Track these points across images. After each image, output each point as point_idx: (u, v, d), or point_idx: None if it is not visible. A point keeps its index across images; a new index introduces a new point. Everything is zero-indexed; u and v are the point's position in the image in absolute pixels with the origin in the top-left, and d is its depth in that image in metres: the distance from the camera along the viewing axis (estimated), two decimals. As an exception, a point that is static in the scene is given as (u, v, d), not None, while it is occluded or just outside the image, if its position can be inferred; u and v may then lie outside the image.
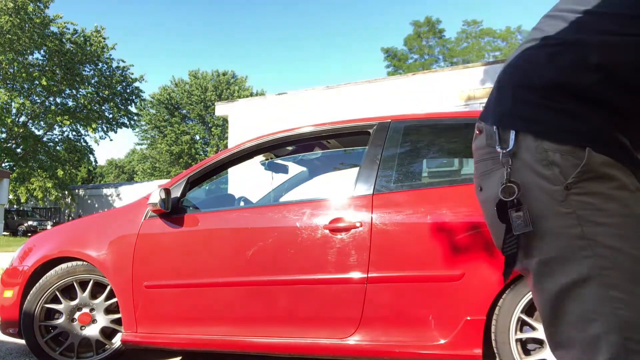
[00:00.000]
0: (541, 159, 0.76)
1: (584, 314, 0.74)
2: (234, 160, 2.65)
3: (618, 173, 0.73)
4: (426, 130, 2.50)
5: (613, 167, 0.73)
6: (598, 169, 0.73)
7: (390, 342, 2.05)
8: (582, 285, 0.74)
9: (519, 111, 0.81)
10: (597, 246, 0.73)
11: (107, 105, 26.40)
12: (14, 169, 23.43)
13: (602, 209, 0.73)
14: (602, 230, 0.73)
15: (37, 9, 21.55)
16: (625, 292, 0.72)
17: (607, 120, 0.74)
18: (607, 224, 0.73)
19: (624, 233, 0.72)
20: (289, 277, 2.20)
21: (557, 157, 0.75)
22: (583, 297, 0.74)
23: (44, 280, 2.57)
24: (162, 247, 2.46)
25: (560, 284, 0.76)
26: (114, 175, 54.28)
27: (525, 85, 0.80)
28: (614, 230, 0.72)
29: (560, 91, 0.76)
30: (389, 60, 29.22)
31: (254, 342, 2.23)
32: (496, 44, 28.18)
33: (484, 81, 8.75)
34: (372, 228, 2.12)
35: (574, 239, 0.74)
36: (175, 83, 38.34)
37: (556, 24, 0.80)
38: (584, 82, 0.74)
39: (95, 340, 2.57)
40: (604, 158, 0.73)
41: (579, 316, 0.75)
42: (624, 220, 0.72)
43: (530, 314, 1.95)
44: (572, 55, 0.76)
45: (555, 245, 0.76)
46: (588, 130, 0.74)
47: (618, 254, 0.72)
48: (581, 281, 0.74)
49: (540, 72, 0.79)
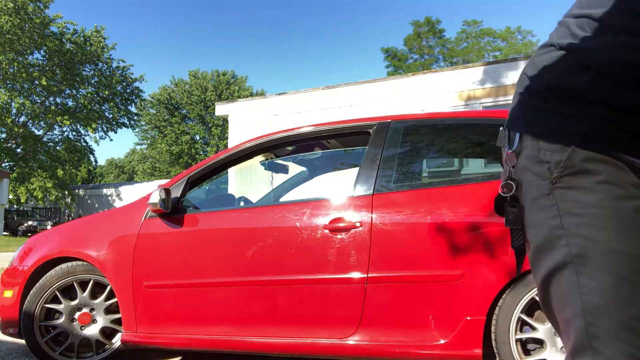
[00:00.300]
0: (534, 156, 0.83)
1: (560, 298, 0.81)
2: (234, 160, 2.65)
3: (602, 168, 0.77)
4: (426, 130, 2.50)
5: (597, 162, 0.77)
6: (579, 164, 0.78)
7: (390, 342, 2.05)
8: (559, 271, 0.81)
9: (522, 115, 0.88)
10: (572, 235, 0.78)
11: (107, 105, 26.41)
12: (14, 169, 23.43)
13: (579, 201, 0.78)
14: (577, 221, 0.78)
15: (37, 9, 21.54)
16: (592, 279, 0.77)
17: (600, 118, 0.78)
18: (582, 215, 0.78)
19: (599, 224, 0.77)
20: (289, 277, 2.20)
21: (548, 155, 0.81)
22: (559, 283, 0.81)
23: (44, 280, 2.57)
24: (162, 247, 2.46)
25: (544, 270, 0.83)
26: (114, 175, 54.30)
27: (529, 90, 0.87)
28: (588, 220, 0.77)
29: (555, 93, 0.82)
30: (389, 60, 29.22)
31: (254, 342, 2.23)
32: (496, 44, 28.18)
33: (484, 81, 8.75)
34: (372, 228, 2.12)
35: (554, 229, 0.81)
36: (175, 83, 38.35)
37: (560, 29, 0.86)
38: (576, 83, 0.80)
39: (95, 340, 2.57)
40: (588, 154, 0.78)
41: (557, 300, 0.82)
42: (600, 212, 0.77)
43: (530, 314, 1.95)
44: (566, 59, 0.82)
45: (540, 235, 0.83)
46: (578, 129, 0.79)
47: (589, 243, 0.77)
48: (559, 268, 0.80)
49: (539, 77, 0.85)
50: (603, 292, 0.76)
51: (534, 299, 1.93)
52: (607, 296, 0.76)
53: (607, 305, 0.76)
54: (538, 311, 1.96)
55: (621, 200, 0.76)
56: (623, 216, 0.76)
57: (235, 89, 37.65)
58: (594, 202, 0.77)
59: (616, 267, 0.76)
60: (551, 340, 1.90)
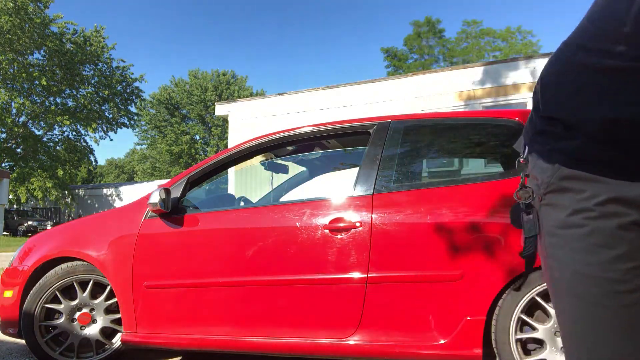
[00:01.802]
0: (531, 172, 0.86)
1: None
2: (234, 160, 2.65)
3: (582, 185, 0.75)
4: (426, 130, 2.50)
5: (577, 180, 0.75)
6: (559, 183, 0.78)
7: (390, 342, 2.05)
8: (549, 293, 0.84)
9: (529, 131, 0.89)
10: (550, 257, 0.80)
11: (107, 105, 26.41)
12: (14, 169, 23.42)
13: (557, 219, 0.78)
14: (554, 241, 0.79)
15: (37, 9, 21.54)
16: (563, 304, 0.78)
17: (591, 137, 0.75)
18: (557, 235, 0.78)
19: (571, 245, 0.75)
20: (289, 277, 2.20)
21: (539, 172, 0.83)
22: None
23: (44, 280, 2.57)
24: (162, 247, 2.46)
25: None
26: (114, 175, 54.30)
27: (534, 108, 0.88)
28: (561, 241, 0.77)
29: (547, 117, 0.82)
30: (389, 60, 29.22)
31: (254, 342, 2.23)
32: (496, 44, 28.18)
33: (484, 81, 8.75)
34: (372, 228, 2.12)
35: (542, 249, 0.83)
36: (175, 83, 38.34)
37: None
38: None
39: (95, 340, 2.57)
40: (569, 172, 0.76)
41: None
42: (573, 231, 0.75)
43: (530, 314, 1.95)
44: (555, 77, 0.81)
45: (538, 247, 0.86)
46: (567, 150, 0.78)
47: (562, 265, 0.77)
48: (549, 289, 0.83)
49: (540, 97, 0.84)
50: (570, 317, 0.76)
51: (534, 299, 1.93)
52: (574, 323, 0.75)
53: (575, 332, 0.75)
54: (538, 311, 1.96)
55: (599, 219, 0.73)
56: (598, 236, 0.73)
57: (235, 89, 37.64)
58: (568, 221, 0.76)
59: (580, 291, 0.74)
60: (551, 340, 1.90)
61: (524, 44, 27.69)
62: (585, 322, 0.74)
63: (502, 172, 2.41)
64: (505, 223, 1.98)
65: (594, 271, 0.72)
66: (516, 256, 1.93)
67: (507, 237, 1.97)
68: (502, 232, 1.98)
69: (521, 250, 0.90)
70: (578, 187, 0.75)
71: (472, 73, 8.86)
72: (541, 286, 1.91)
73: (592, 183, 0.74)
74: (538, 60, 8.45)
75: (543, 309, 1.94)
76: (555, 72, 0.79)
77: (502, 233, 1.98)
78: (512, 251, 1.95)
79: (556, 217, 0.77)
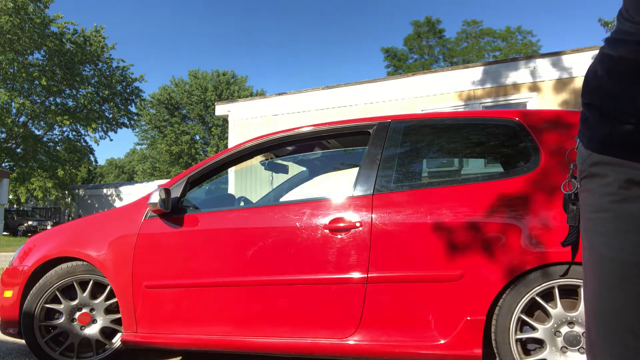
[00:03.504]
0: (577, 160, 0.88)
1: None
2: (234, 160, 2.65)
3: (609, 170, 0.78)
4: (426, 130, 2.50)
5: (605, 165, 0.78)
6: (589, 169, 0.81)
7: (390, 342, 2.05)
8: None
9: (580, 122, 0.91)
10: (584, 239, 0.83)
11: (107, 105, 26.41)
12: (14, 169, 23.42)
13: (590, 204, 0.81)
14: (587, 225, 0.82)
15: (37, 9, 21.54)
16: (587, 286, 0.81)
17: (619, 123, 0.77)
18: (590, 219, 0.81)
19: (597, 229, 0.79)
20: (289, 277, 2.20)
21: (579, 160, 0.86)
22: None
23: (44, 280, 2.57)
24: (162, 247, 2.46)
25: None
26: (114, 175, 54.30)
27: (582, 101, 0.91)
28: (592, 225, 0.80)
29: (587, 103, 0.85)
30: (389, 60, 29.23)
31: (254, 342, 2.23)
32: (496, 44, 28.20)
33: (484, 81, 8.75)
34: (372, 228, 2.12)
35: (580, 229, 0.86)
36: (175, 83, 38.34)
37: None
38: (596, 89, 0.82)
39: (95, 340, 2.57)
40: (599, 157, 0.79)
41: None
42: (601, 215, 0.78)
43: (530, 314, 1.95)
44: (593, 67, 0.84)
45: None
46: (599, 136, 0.81)
47: (590, 247, 0.80)
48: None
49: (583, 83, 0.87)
50: (593, 299, 0.78)
51: (534, 299, 1.93)
52: (596, 303, 0.77)
53: (597, 313, 0.77)
54: (538, 311, 1.96)
55: (624, 202, 0.75)
56: (622, 220, 0.75)
57: (235, 89, 37.64)
58: (598, 205, 0.78)
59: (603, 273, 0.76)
60: (551, 340, 1.90)
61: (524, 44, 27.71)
62: (607, 304, 0.76)
63: (502, 172, 2.41)
64: (505, 223, 1.98)
65: (618, 255, 0.75)
66: (516, 256, 1.93)
67: (507, 237, 1.97)
68: (502, 232, 1.98)
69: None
70: (604, 172, 0.78)
71: (472, 73, 8.86)
72: (541, 286, 1.91)
73: (617, 167, 0.77)
74: (538, 60, 8.45)
75: (543, 309, 1.94)
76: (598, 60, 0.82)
77: (502, 233, 1.98)
78: (512, 251, 1.95)
79: (590, 202, 0.81)
